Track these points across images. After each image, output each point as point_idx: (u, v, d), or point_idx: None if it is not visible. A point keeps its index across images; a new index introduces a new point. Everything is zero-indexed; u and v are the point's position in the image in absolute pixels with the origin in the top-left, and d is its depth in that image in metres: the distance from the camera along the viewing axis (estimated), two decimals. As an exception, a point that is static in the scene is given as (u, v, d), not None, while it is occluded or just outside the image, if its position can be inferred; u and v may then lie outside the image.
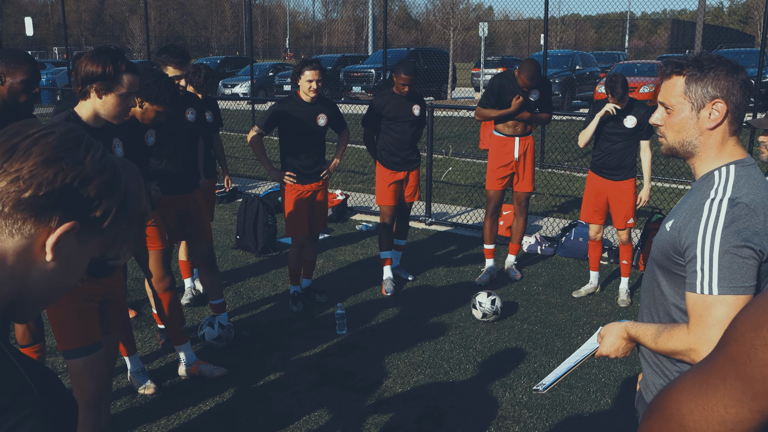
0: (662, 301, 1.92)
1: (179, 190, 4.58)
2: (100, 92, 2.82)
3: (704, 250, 1.68)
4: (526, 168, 6.06)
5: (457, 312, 5.43)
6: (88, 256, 1.07)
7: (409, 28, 57.31)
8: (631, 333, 1.96)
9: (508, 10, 34.59)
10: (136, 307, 5.47)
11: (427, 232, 7.79)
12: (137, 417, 3.90)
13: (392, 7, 59.14)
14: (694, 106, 1.81)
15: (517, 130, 5.98)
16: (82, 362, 2.93)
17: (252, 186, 10.28)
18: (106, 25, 67.88)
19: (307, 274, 5.74)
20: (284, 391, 4.20)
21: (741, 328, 0.93)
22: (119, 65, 2.83)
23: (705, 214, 1.71)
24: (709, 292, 1.67)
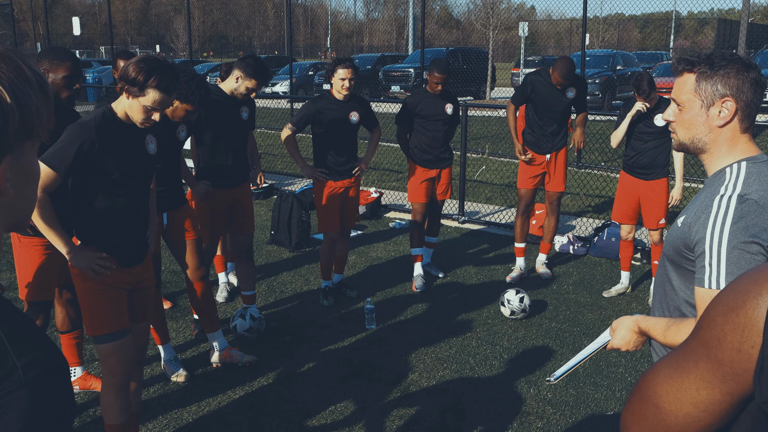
0: (673, 297, 1.95)
1: (230, 184, 4.76)
2: (129, 95, 2.92)
3: (713, 246, 1.70)
4: (557, 167, 6.05)
5: (486, 309, 5.46)
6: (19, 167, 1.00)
7: (450, 27, 57.17)
8: (642, 326, 1.99)
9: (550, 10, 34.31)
10: (172, 298, 5.62)
11: (459, 230, 7.82)
12: (169, 403, 4.03)
13: (433, 6, 59.07)
14: (704, 104, 1.83)
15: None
16: (110, 347, 3.05)
17: (288, 183, 10.42)
18: (151, 24, 69.11)
19: (338, 269, 5.83)
20: (312, 383, 4.29)
21: (712, 313, 0.98)
22: (150, 78, 2.85)
23: (714, 210, 1.73)
24: (717, 287, 1.70)
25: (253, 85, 4.64)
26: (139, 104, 2.90)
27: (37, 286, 3.62)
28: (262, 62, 4.72)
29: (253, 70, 4.62)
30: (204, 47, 64.75)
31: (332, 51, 62.26)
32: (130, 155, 3.02)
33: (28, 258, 3.60)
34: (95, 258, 2.98)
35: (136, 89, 2.87)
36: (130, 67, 2.88)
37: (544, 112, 5.90)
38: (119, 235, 3.07)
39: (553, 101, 5.85)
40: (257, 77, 4.63)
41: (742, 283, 0.95)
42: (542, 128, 5.96)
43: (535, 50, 39.20)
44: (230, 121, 4.70)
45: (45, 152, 2.88)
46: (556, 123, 5.95)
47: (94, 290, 3.03)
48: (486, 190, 9.88)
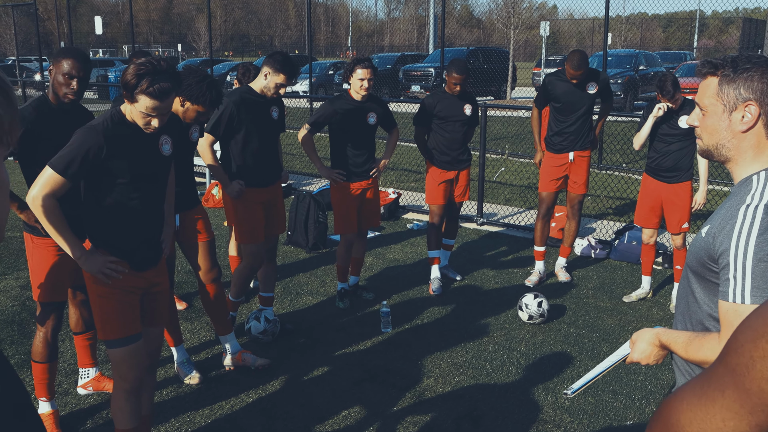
0: (696, 310, 1.87)
1: (263, 183, 4.74)
2: (127, 100, 2.86)
3: (737, 258, 1.62)
4: (580, 169, 5.95)
5: (504, 313, 5.38)
6: None
7: (471, 27, 56.98)
8: (663, 340, 1.91)
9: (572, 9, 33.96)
10: (187, 299, 5.60)
11: (478, 232, 7.74)
12: (182, 406, 4.00)
13: (454, 5, 58.86)
14: (726, 108, 1.76)
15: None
16: (121, 352, 3.02)
17: (307, 183, 10.39)
18: (173, 23, 69.56)
19: (355, 271, 5.77)
20: (326, 386, 4.24)
21: (741, 338, 0.91)
22: (140, 84, 2.78)
23: (739, 221, 1.65)
24: (741, 301, 1.62)
25: (282, 80, 4.58)
26: (136, 111, 2.84)
27: (50, 287, 3.59)
28: (289, 57, 4.69)
29: (281, 65, 4.58)
30: (225, 46, 65.08)
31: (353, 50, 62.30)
32: (142, 158, 2.97)
33: (40, 259, 3.58)
34: (106, 262, 2.94)
35: (129, 94, 2.82)
36: (127, 71, 2.82)
37: (567, 110, 5.81)
38: (132, 239, 3.03)
39: (575, 98, 5.76)
40: (285, 72, 4.58)
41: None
42: (565, 127, 5.86)
43: (557, 50, 38.90)
44: (261, 120, 4.66)
45: (53, 157, 2.84)
46: (579, 121, 5.84)
47: (106, 294, 3.00)
48: (506, 191, 9.78)
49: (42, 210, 2.81)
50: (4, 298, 5.63)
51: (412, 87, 22.72)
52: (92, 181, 2.92)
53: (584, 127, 5.87)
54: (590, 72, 5.76)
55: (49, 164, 2.83)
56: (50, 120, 3.47)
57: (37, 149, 3.40)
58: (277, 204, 4.93)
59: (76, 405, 4.03)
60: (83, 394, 4.14)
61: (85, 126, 2.89)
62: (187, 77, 3.80)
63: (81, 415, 3.92)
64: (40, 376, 3.70)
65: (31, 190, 2.81)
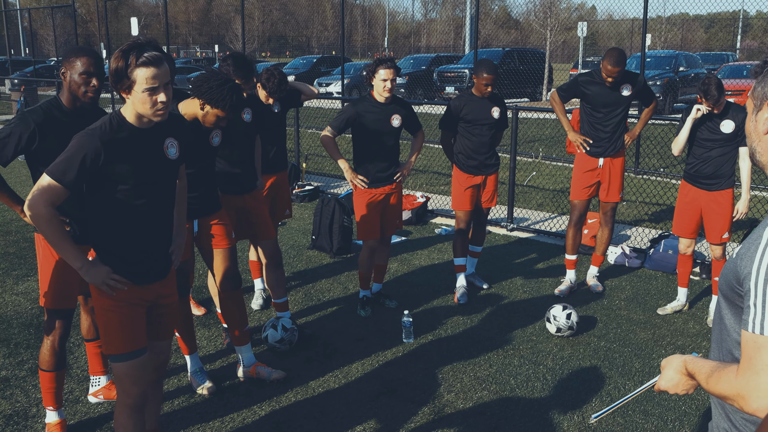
0: (726, 337, 1.67)
1: (238, 190, 4.59)
2: (125, 92, 2.70)
3: (758, 284, 1.44)
4: (612, 176, 5.71)
5: (531, 325, 5.16)
6: None
7: (508, 28, 56.43)
8: (689, 368, 1.72)
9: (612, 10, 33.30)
10: (206, 305, 5.49)
11: (507, 238, 7.52)
12: (192, 417, 3.87)
13: (491, 6, 58.38)
14: (756, 108, 1.59)
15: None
16: (125, 367, 2.89)
17: (335, 186, 10.26)
18: (212, 25, 70.23)
19: (377, 278, 5.61)
20: (341, 400, 4.08)
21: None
22: (129, 60, 2.63)
23: (763, 242, 1.46)
24: (760, 332, 1.43)
25: (240, 82, 4.50)
26: (139, 94, 2.67)
27: (57, 294, 3.49)
28: (243, 58, 4.61)
29: (233, 67, 4.52)
30: (263, 47, 65.48)
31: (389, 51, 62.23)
32: (146, 162, 2.82)
33: (49, 263, 3.48)
34: (110, 273, 2.80)
35: (125, 80, 2.65)
36: (111, 65, 2.65)
37: (599, 113, 5.56)
38: (138, 249, 2.88)
39: (608, 100, 5.51)
40: (239, 74, 4.52)
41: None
42: (597, 131, 5.62)
43: (595, 51, 38.27)
44: (234, 124, 4.49)
45: (51, 163, 2.72)
46: (611, 125, 5.59)
47: (110, 307, 2.86)
48: (537, 196, 9.53)
49: (39, 218, 2.68)
50: (24, 301, 5.58)
51: (447, 88, 22.48)
52: (93, 187, 2.78)
53: (617, 131, 5.61)
54: (626, 74, 5.51)
55: (46, 171, 2.70)
56: (61, 123, 3.37)
57: (45, 151, 3.30)
58: (258, 210, 4.76)
59: (86, 414, 3.93)
60: (94, 402, 4.04)
61: (83, 131, 2.74)
62: (208, 80, 3.66)
63: (90, 425, 3.81)
64: (47, 385, 3.61)
65: (28, 197, 2.68)
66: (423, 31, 70.94)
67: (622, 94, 5.52)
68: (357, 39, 69.68)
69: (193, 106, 3.76)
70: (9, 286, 5.91)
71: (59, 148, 3.06)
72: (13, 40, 42.21)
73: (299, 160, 10.73)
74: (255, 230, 4.74)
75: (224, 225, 4.19)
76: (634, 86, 5.53)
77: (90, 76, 3.34)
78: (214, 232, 4.16)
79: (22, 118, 3.32)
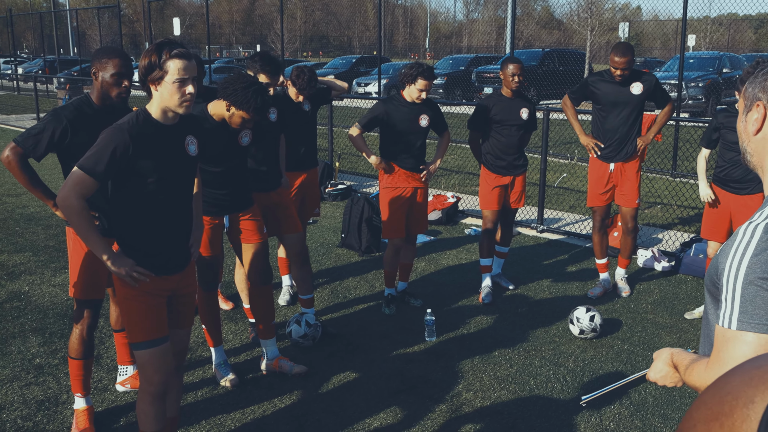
0: (710, 332, 1.69)
1: (264, 188, 4.68)
2: (155, 83, 2.85)
3: (729, 278, 1.46)
4: (626, 181, 5.61)
5: (554, 326, 5.16)
6: None
7: (551, 28, 55.89)
8: (674, 361, 1.76)
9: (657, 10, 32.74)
10: (234, 300, 5.60)
11: (537, 239, 7.49)
12: (214, 408, 3.97)
13: (534, 6, 57.83)
14: (746, 108, 1.60)
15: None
16: (147, 354, 2.99)
17: (368, 185, 10.33)
18: (255, 25, 70.98)
19: (403, 276, 5.66)
20: (361, 395, 4.14)
21: (695, 416, 0.75)
22: (163, 54, 2.82)
23: (738, 238, 1.49)
24: (728, 326, 1.46)
25: (264, 79, 4.55)
26: (168, 85, 2.83)
27: (86, 285, 3.62)
28: (269, 55, 4.67)
29: (260, 64, 4.59)
30: (305, 47, 65.97)
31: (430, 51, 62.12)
32: (168, 158, 2.94)
33: (79, 255, 3.61)
34: (134, 265, 2.92)
35: (158, 71, 2.81)
36: (141, 63, 2.84)
37: (608, 113, 5.49)
38: (159, 241, 3.00)
39: (617, 98, 5.43)
40: (265, 70, 4.57)
41: (733, 381, 0.72)
42: (606, 133, 5.55)
43: (640, 52, 37.70)
44: (260, 123, 4.56)
45: (81, 157, 2.84)
46: (621, 126, 5.48)
47: (132, 296, 2.98)
48: (570, 197, 9.46)
49: (70, 210, 2.80)
50: (60, 292, 5.77)
51: (485, 89, 22.39)
52: (119, 181, 2.90)
53: (628, 134, 5.51)
54: (636, 72, 5.44)
55: (77, 165, 2.82)
56: (90, 119, 3.49)
57: (77, 146, 3.42)
58: (284, 206, 4.83)
59: (113, 402, 4.06)
60: (121, 391, 4.17)
61: (111, 126, 2.87)
62: (234, 83, 3.76)
63: (116, 412, 3.94)
64: (75, 372, 3.74)
65: (60, 191, 2.81)
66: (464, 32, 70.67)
67: (632, 92, 5.43)
68: (398, 39, 69.73)
69: (220, 107, 3.86)
70: (47, 278, 6.11)
71: (89, 144, 3.18)
72: (62, 39, 43.27)
73: (332, 158, 10.82)
74: (281, 225, 4.83)
75: (255, 221, 4.29)
76: (644, 85, 5.43)
77: (121, 77, 3.46)
78: (245, 228, 4.26)
79: (55, 114, 3.45)
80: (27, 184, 3.47)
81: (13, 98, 26.32)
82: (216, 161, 4.00)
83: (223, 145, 3.98)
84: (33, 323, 5.15)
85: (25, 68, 34.19)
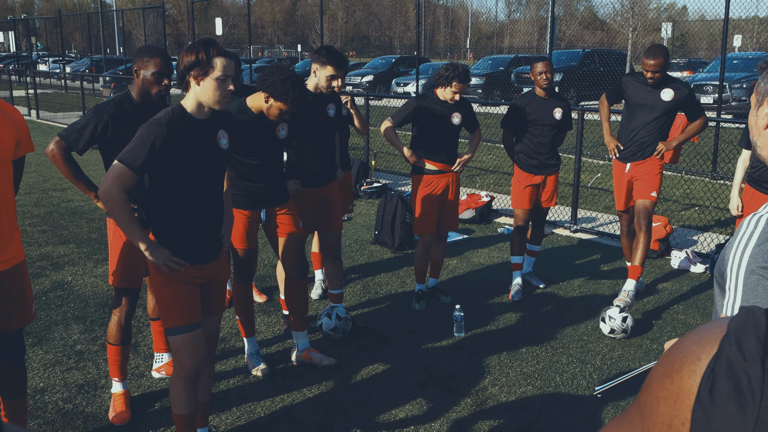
0: None
1: (318, 183, 4.78)
2: (198, 78, 2.97)
3: (733, 268, 1.51)
4: (640, 175, 5.45)
5: (583, 325, 5.17)
6: None
7: (594, 28, 55.26)
8: None
9: (704, 10, 32.18)
10: (268, 293, 5.73)
11: (570, 239, 7.49)
12: (245, 396, 4.10)
13: (577, 7, 57.25)
14: (758, 103, 1.64)
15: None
16: (180, 339, 3.12)
17: (403, 183, 10.41)
18: (296, 25, 71.58)
19: (434, 273, 5.72)
20: (388, 388, 4.22)
21: (652, 375, 0.82)
22: (210, 51, 2.96)
23: (743, 229, 1.53)
24: (731, 314, 1.49)
25: (331, 71, 4.57)
26: (211, 81, 2.96)
27: (125, 274, 3.77)
28: (334, 49, 4.66)
29: (327, 57, 4.57)
30: (347, 47, 66.30)
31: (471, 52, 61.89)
32: (202, 151, 3.06)
33: (118, 246, 3.76)
34: (170, 255, 3.05)
35: (203, 68, 2.95)
36: (187, 57, 2.96)
37: (634, 114, 5.43)
38: (192, 231, 3.12)
39: (645, 100, 5.33)
40: (332, 63, 4.57)
41: (685, 342, 0.79)
42: (628, 133, 5.47)
43: (685, 53, 37.10)
44: (317, 118, 4.68)
45: (120, 152, 2.97)
46: (644, 129, 5.36)
47: (168, 284, 3.10)
48: (606, 198, 9.41)
49: (112, 202, 2.94)
50: (101, 282, 5.97)
51: (524, 89, 22.30)
52: (156, 173, 3.03)
53: (651, 138, 5.37)
54: (669, 78, 5.36)
55: (117, 158, 2.96)
56: (130, 115, 3.63)
57: (117, 140, 3.57)
58: (333, 202, 4.93)
59: (149, 387, 4.21)
60: (156, 378, 4.32)
61: (149, 120, 3.00)
62: (273, 75, 3.88)
63: (151, 397, 4.09)
64: (113, 357, 3.90)
65: (102, 183, 2.95)
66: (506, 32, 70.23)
67: (661, 97, 5.31)
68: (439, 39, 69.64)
69: (259, 100, 3.99)
70: (89, 269, 6.33)
71: (129, 138, 3.33)
72: (109, 39, 44.22)
73: (368, 157, 10.93)
74: (325, 221, 4.94)
75: (291, 214, 4.39)
76: (676, 93, 5.29)
77: (161, 76, 3.61)
78: (282, 221, 4.37)
79: (97, 110, 3.60)
80: (70, 176, 3.63)
81: (61, 96, 27.05)
82: (254, 154, 4.12)
83: (261, 138, 4.10)
84: (75, 311, 5.35)
85: (73, 67, 35.10)
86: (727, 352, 0.72)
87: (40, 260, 6.56)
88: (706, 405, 0.71)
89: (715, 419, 0.70)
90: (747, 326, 0.73)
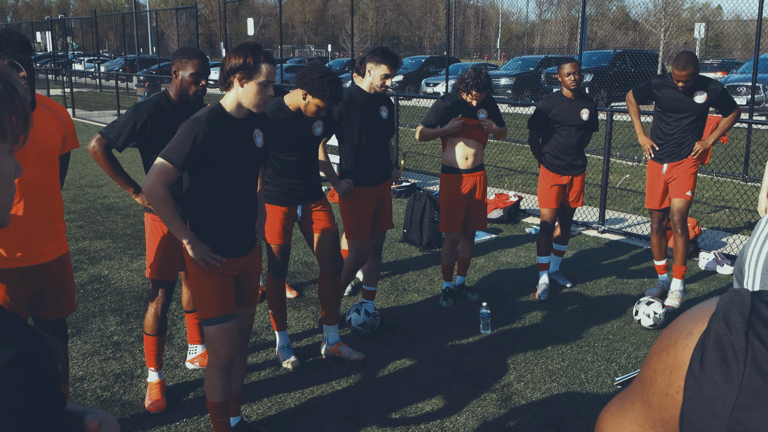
0: None
1: (372, 182, 4.88)
2: (242, 81, 3.10)
3: (750, 264, 1.55)
4: (677, 175, 5.49)
5: (609, 324, 5.22)
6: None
7: (626, 29, 54.79)
8: None
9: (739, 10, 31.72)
10: (298, 289, 5.85)
11: (598, 240, 7.51)
12: (275, 387, 4.22)
13: (609, 7, 56.83)
14: None
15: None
16: (215, 330, 3.24)
17: (432, 183, 10.49)
18: (327, 25, 71.95)
19: (461, 271, 5.80)
20: (415, 382, 4.31)
21: (652, 350, 0.91)
22: (258, 56, 3.09)
23: (761, 227, 1.58)
24: None
25: (385, 70, 4.64)
26: (254, 85, 3.09)
27: (161, 266, 3.91)
28: (388, 49, 4.76)
29: (381, 56, 4.65)
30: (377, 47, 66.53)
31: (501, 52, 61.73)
32: (239, 149, 3.19)
33: (156, 240, 3.90)
34: (208, 250, 3.17)
35: (249, 71, 3.07)
36: (234, 59, 3.08)
37: (668, 117, 5.45)
38: (228, 226, 3.24)
39: (679, 105, 5.36)
40: (386, 62, 4.64)
41: (680, 321, 0.88)
42: (663, 135, 5.50)
43: (719, 53, 36.64)
44: (370, 119, 4.77)
45: (162, 149, 3.10)
46: (679, 132, 5.41)
47: (204, 276, 3.23)
48: (634, 199, 9.40)
49: (157, 198, 3.07)
50: (137, 277, 6.14)
51: (554, 90, 22.24)
52: (195, 169, 3.16)
53: (686, 139, 5.41)
54: (701, 79, 5.37)
55: (160, 155, 3.09)
56: (168, 114, 3.77)
57: (155, 138, 3.71)
58: (385, 201, 5.05)
59: (183, 378, 4.35)
60: (190, 368, 4.46)
61: (190, 118, 3.13)
62: (311, 72, 4.01)
63: (185, 387, 4.23)
64: (150, 348, 4.04)
65: (146, 180, 3.09)
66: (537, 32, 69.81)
67: (694, 101, 5.32)
68: (469, 39, 69.55)
69: (297, 97, 4.12)
70: (125, 263, 6.51)
71: (167, 136, 3.46)
72: (142, 39, 44.90)
73: (398, 157, 11.02)
74: (382, 218, 5.06)
75: (326, 211, 4.50)
76: (709, 95, 5.32)
77: (199, 77, 3.74)
78: (317, 218, 4.48)
79: (136, 109, 3.75)
80: (111, 173, 3.77)
81: (96, 95, 27.57)
82: (291, 150, 4.24)
83: (298, 135, 4.22)
84: (111, 304, 5.52)
85: (107, 67, 35.70)
86: (716, 327, 0.81)
87: (77, 254, 6.76)
88: (696, 374, 0.80)
89: (705, 385, 0.78)
90: (733, 304, 0.81)
